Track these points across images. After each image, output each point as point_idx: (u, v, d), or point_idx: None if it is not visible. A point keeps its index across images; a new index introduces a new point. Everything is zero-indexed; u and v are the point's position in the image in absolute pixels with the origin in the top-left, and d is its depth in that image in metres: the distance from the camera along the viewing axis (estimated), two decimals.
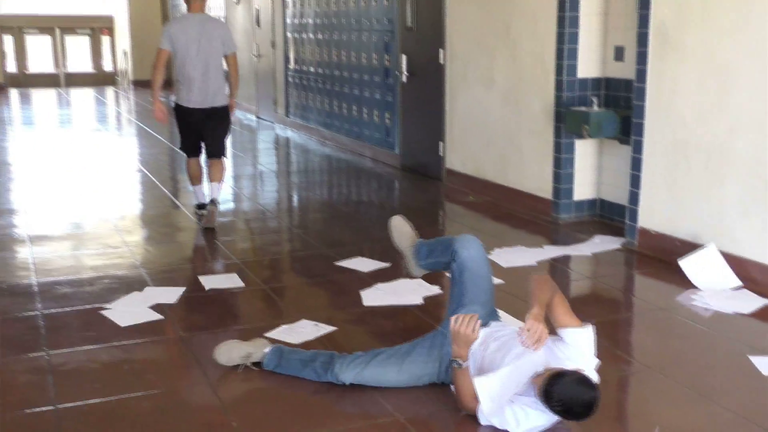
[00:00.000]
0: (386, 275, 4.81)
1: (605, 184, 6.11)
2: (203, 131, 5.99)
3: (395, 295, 4.47)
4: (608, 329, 3.92)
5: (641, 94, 5.19)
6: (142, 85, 18.98)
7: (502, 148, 6.80)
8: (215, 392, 3.33)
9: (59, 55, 23.15)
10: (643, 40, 5.13)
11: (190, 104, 5.90)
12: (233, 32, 8.32)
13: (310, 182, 8.44)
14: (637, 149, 5.28)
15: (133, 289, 4.56)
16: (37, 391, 3.34)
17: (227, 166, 7.07)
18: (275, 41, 12.04)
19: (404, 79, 8.22)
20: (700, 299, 4.40)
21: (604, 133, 5.72)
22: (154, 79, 5.95)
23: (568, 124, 5.88)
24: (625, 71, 5.74)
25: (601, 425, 3.00)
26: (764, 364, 3.55)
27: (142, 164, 9.02)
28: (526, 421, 2.87)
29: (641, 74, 5.17)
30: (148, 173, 8.35)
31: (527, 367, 2.93)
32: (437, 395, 3.24)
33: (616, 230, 5.74)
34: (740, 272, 4.63)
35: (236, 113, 6.52)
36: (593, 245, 5.49)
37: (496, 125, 6.84)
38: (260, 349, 3.51)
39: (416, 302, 4.36)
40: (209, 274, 4.93)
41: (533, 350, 2.94)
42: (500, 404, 2.91)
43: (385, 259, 5.10)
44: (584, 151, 6.10)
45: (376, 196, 7.80)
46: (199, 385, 3.41)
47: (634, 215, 5.36)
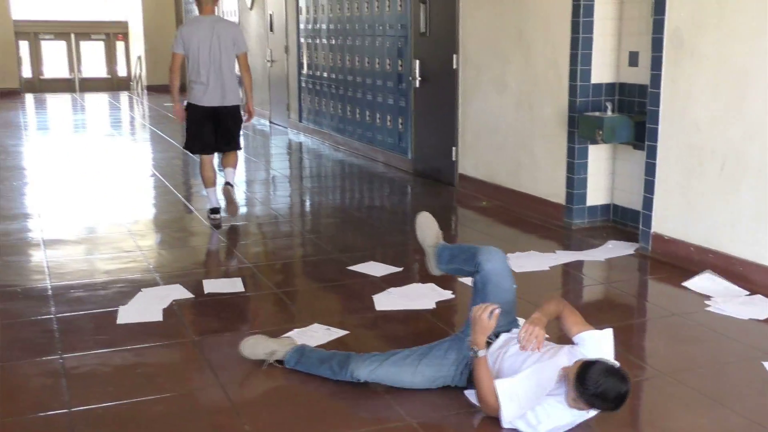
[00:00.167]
0: (399, 280, 4.81)
1: (619, 189, 6.09)
2: (217, 129, 6.17)
3: (408, 299, 4.47)
4: (622, 335, 3.88)
5: (655, 99, 5.17)
6: (155, 90, 19.06)
7: (515, 153, 6.79)
8: (227, 395, 3.34)
9: (74, 60, 23.28)
10: (657, 45, 5.12)
11: (203, 103, 6.08)
12: (247, 38, 8.35)
13: (322, 187, 8.45)
14: (651, 154, 5.26)
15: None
16: (50, 394, 3.35)
17: (240, 170, 7.15)
18: (288, 46, 12.07)
19: (417, 84, 8.23)
20: (714, 305, 4.38)
21: (617, 138, 5.70)
22: (172, 82, 6.21)
23: (581, 129, 5.87)
24: (639, 76, 5.72)
25: (614, 431, 2.98)
26: None
27: (155, 169, 9.05)
28: (547, 419, 2.89)
29: (656, 79, 5.15)
30: (161, 177, 8.38)
31: (548, 370, 2.96)
32: (450, 400, 3.23)
33: (629, 236, 5.72)
34: (755, 278, 4.60)
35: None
36: (606, 251, 5.47)
37: (509, 130, 6.84)
38: (285, 347, 3.56)
39: (429, 307, 4.36)
40: (222, 278, 4.94)
41: (530, 352, 3.04)
42: (521, 406, 2.93)
43: (397, 263, 5.10)
44: (598, 156, 6.08)
45: (388, 201, 7.80)
46: (211, 388, 3.42)
47: (647, 221, 5.33)
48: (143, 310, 4.31)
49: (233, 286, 4.75)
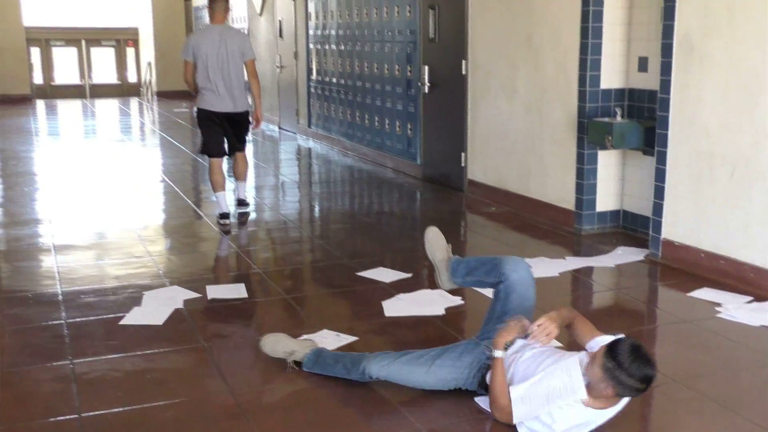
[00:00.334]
0: (408, 286, 4.81)
1: (628, 195, 6.07)
2: (227, 133, 6.47)
3: (417, 305, 4.47)
4: None
5: (665, 104, 5.16)
6: (165, 95, 19.13)
7: (524, 158, 6.78)
8: (237, 401, 3.34)
9: (85, 66, 23.41)
10: (667, 50, 5.10)
11: (215, 108, 6.33)
12: (256, 44, 8.38)
13: (331, 193, 8.45)
14: (661, 160, 5.24)
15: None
16: (61, 399, 3.36)
17: (249, 175, 7.20)
18: (298, 52, 12.10)
19: (426, 89, 8.23)
20: (725, 312, 4.35)
21: (627, 143, 5.69)
22: (191, 88, 6.50)
23: (591, 134, 5.86)
24: (648, 82, 5.71)
25: None
26: None
27: (165, 174, 9.08)
28: (563, 419, 2.89)
29: (665, 85, 5.14)
30: (171, 183, 8.40)
31: (560, 374, 2.95)
32: (460, 407, 3.23)
33: (639, 242, 5.70)
34: (766, 284, 4.58)
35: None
36: (616, 257, 5.46)
37: (518, 136, 6.83)
38: (305, 349, 3.59)
39: (438, 313, 4.35)
40: (230, 283, 4.95)
41: (544, 356, 3.06)
42: (531, 409, 2.94)
43: (406, 269, 5.10)
44: (607, 161, 6.07)
45: (397, 206, 7.80)
46: (221, 394, 3.42)
47: (657, 226, 5.32)
48: (148, 313, 4.35)
49: (237, 292, 4.76)
